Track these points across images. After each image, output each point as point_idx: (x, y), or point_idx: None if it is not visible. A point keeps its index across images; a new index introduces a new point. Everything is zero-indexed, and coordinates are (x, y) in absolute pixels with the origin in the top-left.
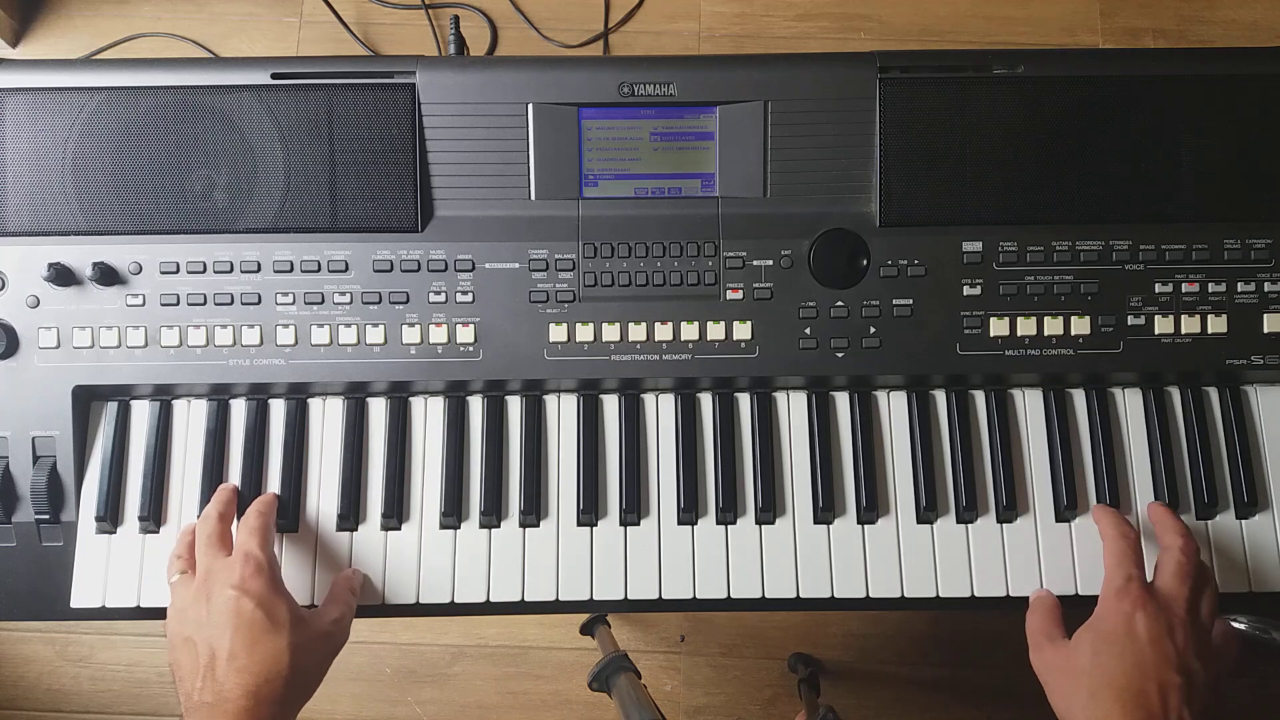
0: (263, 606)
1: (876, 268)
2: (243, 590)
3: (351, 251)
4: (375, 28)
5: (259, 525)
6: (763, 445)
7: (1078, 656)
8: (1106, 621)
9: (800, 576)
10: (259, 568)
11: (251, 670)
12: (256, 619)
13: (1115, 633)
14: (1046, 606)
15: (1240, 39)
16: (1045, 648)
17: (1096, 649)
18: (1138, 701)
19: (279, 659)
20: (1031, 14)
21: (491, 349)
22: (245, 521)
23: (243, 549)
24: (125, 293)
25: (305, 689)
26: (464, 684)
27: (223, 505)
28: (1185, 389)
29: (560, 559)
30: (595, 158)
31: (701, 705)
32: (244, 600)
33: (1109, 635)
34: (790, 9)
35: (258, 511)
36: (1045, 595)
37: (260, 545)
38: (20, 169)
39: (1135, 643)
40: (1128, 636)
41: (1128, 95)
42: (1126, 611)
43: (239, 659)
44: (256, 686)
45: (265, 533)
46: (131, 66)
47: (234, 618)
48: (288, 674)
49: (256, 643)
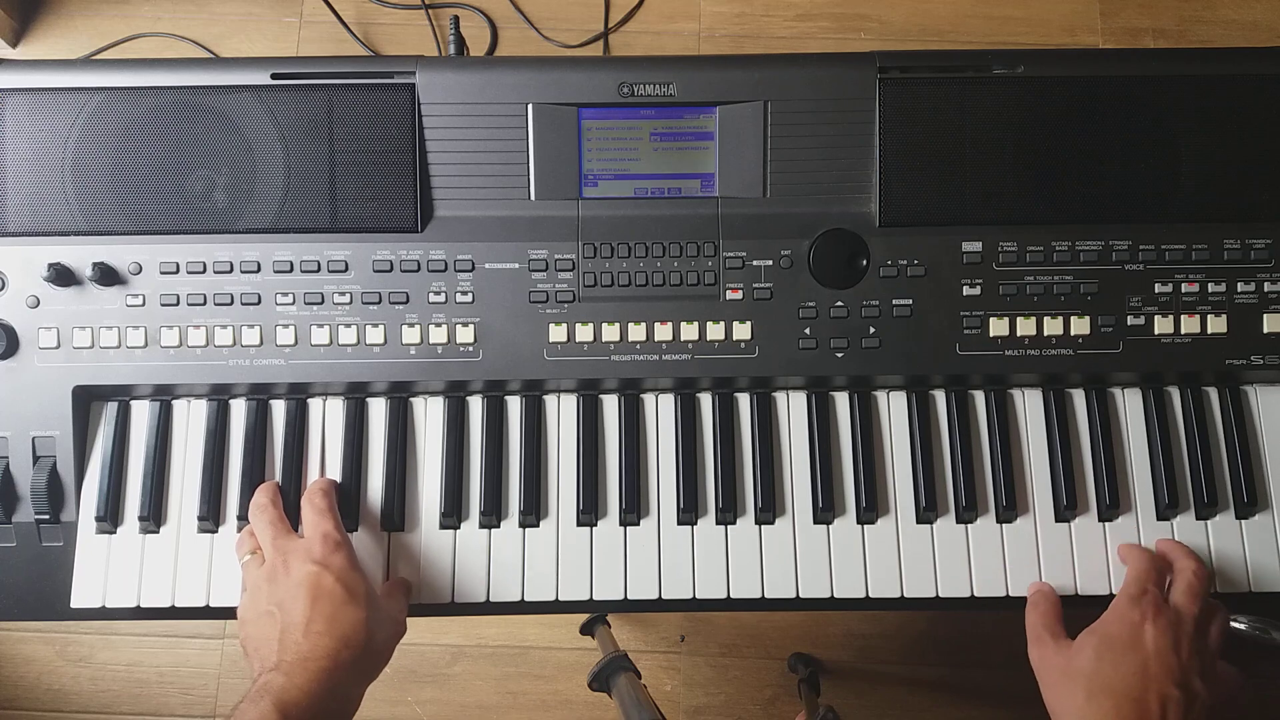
0: (342, 581)
1: (876, 268)
2: (324, 565)
3: (351, 251)
4: (375, 28)
5: (327, 505)
6: (762, 445)
7: (1079, 658)
8: (1114, 627)
9: (800, 576)
10: (337, 545)
11: (332, 634)
12: (337, 592)
13: (1122, 639)
14: (1050, 601)
15: (1240, 39)
16: (1046, 643)
17: (1100, 653)
18: (1135, 710)
19: (357, 630)
20: (1031, 14)
21: (491, 349)
22: (311, 502)
23: (319, 528)
24: (125, 293)
25: (375, 666)
26: (464, 684)
27: (271, 494)
28: (1185, 389)
29: (560, 559)
30: (595, 158)
31: (701, 705)
32: (325, 575)
33: (1115, 641)
34: (790, 9)
35: (322, 491)
36: (1048, 590)
37: (334, 524)
38: (20, 169)
39: (1141, 652)
40: (1134, 645)
41: (1128, 95)
42: (1136, 621)
43: (318, 625)
44: (336, 650)
45: (335, 513)
46: (131, 66)
47: (314, 589)
48: (363, 645)
49: (337, 613)
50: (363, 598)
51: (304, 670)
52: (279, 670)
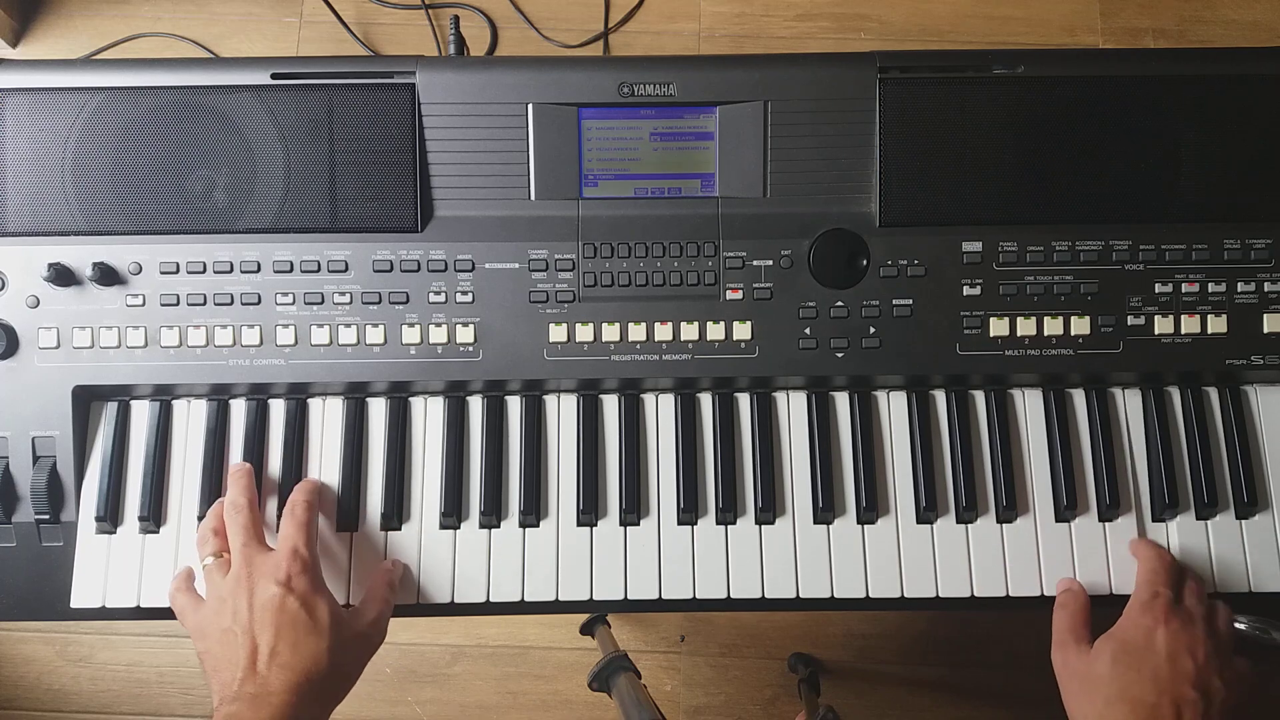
0: (306, 606)
1: (876, 268)
2: (288, 588)
3: (351, 251)
4: (375, 28)
5: (306, 520)
6: (763, 445)
7: (1097, 664)
8: (1128, 632)
9: (800, 576)
10: (305, 566)
11: (294, 667)
12: (300, 618)
13: (1136, 644)
14: (1079, 604)
15: (1240, 39)
16: (1070, 648)
17: (1116, 659)
18: (1151, 715)
19: (320, 659)
20: (1031, 14)
21: (491, 349)
22: (293, 513)
23: (290, 544)
24: (125, 293)
25: (342, 687)
26: (464, 684)
27: (249, 491)
28: (1185, 389)
29: (560, 559)
30: (595, 158)
31: (701, 705)
32: (289, 598)
33: (1129, 646)
34: (790, 9)
35: (305, 502)
36: (1078, 590)
37: (307, 542)
38: (20, 169)
39: (1154, 656)
40: (1148, 650)
41: (1128, 95)
42: (1149, 626)
43: (281, 655)
44: (298, 683)
45: (311, 527)
46: (131, 66)
47: (278, 615)
48: (327, 673)
49: (300, 642)
50: (326, 625)
51: (268, 704)
52: (240, 701)
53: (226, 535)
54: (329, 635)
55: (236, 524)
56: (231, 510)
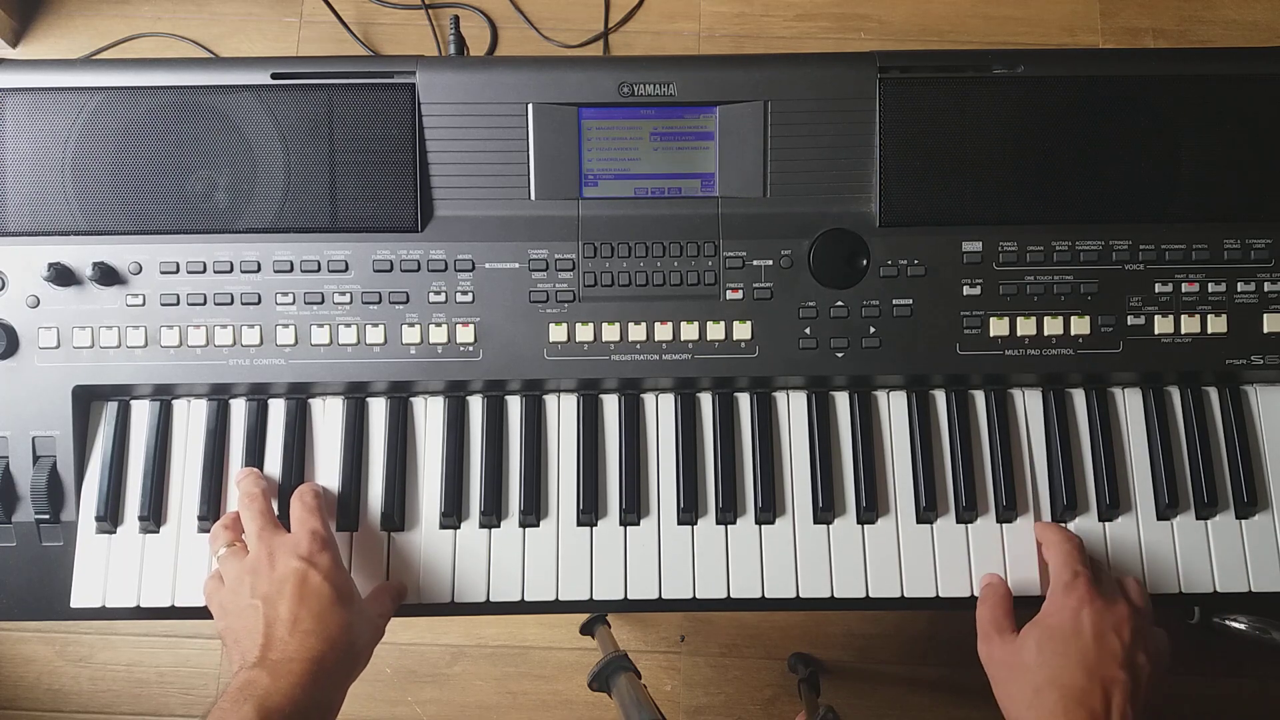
0: (329, 580)
1: (876, 268)
2: (310, 563)
3: (351, 251)
4: (375, 28)
5: (317, 505)
6: (763, 445)
7: (1024, 652)
8: (1053, 617)
9: (800, 576)
10: (325, 543)
11: (318, 634)
12: (324, 590)
13: (1061, 628)
14: (999, 595)
15: (1240, 39)
16: (994, 639)
17: (1042, 645)
18: (1080, 700)
19: (343, 631)
20: (1031, 14)
21: (491, 349)
22: (302, 499)
23: (306, 525)
24: (125, 293)
25: (355, 668)
26: (464, 684)
27: (261, 483)
28: (1185, 389)
29: (560, 559)
30: (595, 158)
31: (701, 705)
32: (312, 572)
33: (1055, 631)
34: (790, 9)
35: (313, 490)
36: (998, 583)
37: (322, 522)
38: (20, 169)
39: (1081, 639)
40: (1074, 633)
41: (1128, 95)
42: (1073, 607)
43: (304, 623)
44: (321, 653)
45: (324, 512)
46: (131, 66)
47: (300, 586)
48: (346, 647)
49: (324, 612)
50: (349, 598)
51: (288, 672)
52: (262, 667)
53: (239, 528)
54: (351, 609)
55: (252, 510)
56: (246, 500)
